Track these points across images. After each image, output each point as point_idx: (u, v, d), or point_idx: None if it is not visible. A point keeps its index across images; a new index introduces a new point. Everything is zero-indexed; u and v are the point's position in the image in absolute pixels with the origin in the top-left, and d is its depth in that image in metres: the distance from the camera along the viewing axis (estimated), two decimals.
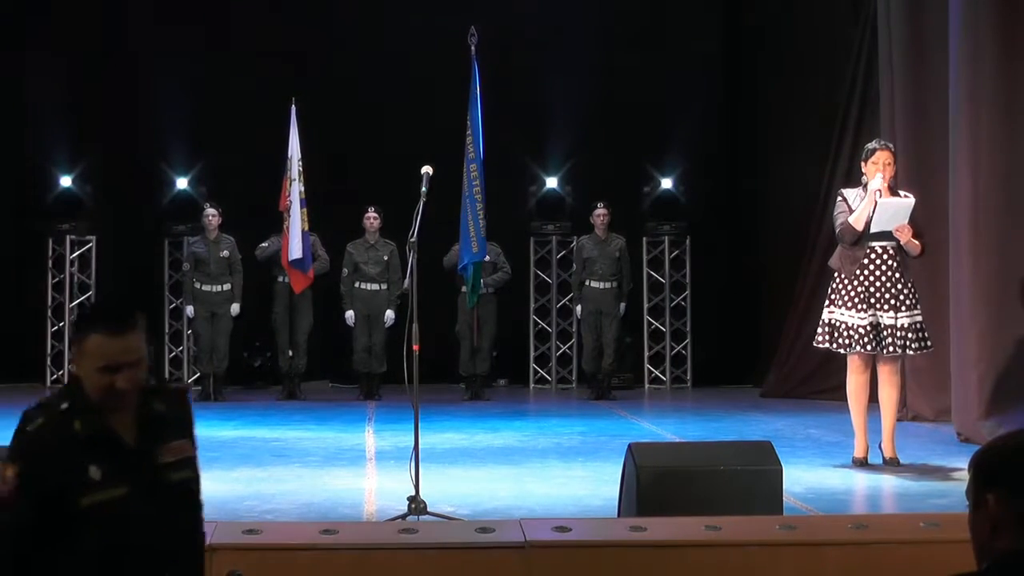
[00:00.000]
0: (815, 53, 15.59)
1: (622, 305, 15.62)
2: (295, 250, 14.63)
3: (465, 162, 9.47)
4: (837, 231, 9.57)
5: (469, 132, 9.47)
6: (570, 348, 16.96)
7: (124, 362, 3.83)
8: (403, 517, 7.09)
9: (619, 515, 6.70)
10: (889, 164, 9.44)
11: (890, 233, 9.36)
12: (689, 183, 16.85)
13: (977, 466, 2.75)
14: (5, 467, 3.88)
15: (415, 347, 7.71)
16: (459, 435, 11.74)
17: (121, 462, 3.86)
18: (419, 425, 7.70)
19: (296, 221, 14.60)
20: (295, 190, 14.62)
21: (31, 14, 16.61)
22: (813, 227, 14.55)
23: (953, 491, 8.15)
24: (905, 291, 9.42)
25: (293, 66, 16.27)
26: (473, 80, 9.48)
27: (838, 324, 9.47)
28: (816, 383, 14.43)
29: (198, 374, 15.74)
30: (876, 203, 9.29)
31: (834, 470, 9.51)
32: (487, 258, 11.94)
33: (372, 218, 15.22)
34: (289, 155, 14.69)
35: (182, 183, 16.47)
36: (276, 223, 14.89)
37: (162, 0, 16.75)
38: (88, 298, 16.40)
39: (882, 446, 9.59)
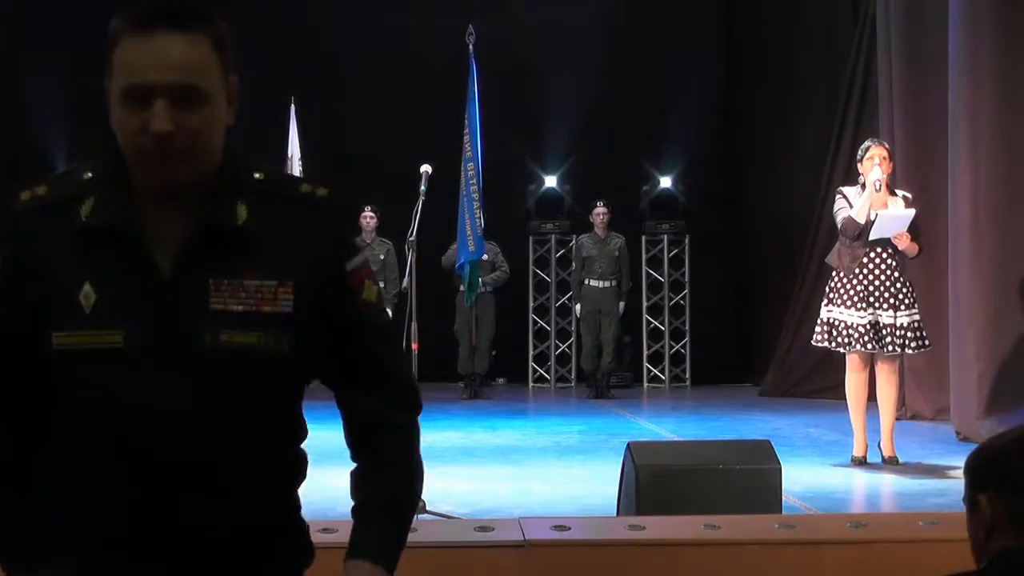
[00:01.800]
0: (814, 52, 15.61)
1: (621, 304, 15.63)
2: None
3: (463, 161, 9.49)
4: (839, 226, 9.55)
5: (467, 131, 9.48)
6: (569, 347, 16.97)
7: (161, 83, 2.30)
8: None
9: (618, 514, 6.69)
10: (885, 159, 9.43)
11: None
12: (688, 182, 16.87)
13: (970, 469, 2.75)
14: None
15: (414, 346, 7.71)
16: (458, 434, 11.74)
17: (135, 288, 2.36)
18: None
19: None
20: None
21: (29, 12, 16.62)
22: (812, 226, 14.55)
23: (952, 490, 8.14)
24: (904, 290, 9.41)
25: (292, 64, 16.26)
26: (471, 79, 9.49)
27: (837, 323, 9.47)
28: (815, 382, 14.43)
29: None
30: (878, 213, 9.29)
31: (833, 469, 9.51)
32: (485, 257, 11.95)
33: (368, 217, 15.22)
34: (289, 154, 14.68)
35: None
36: None
37: None
38: None
39: (881, 445, 9.58)
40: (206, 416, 2.35)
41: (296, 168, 14.63)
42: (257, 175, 2.49)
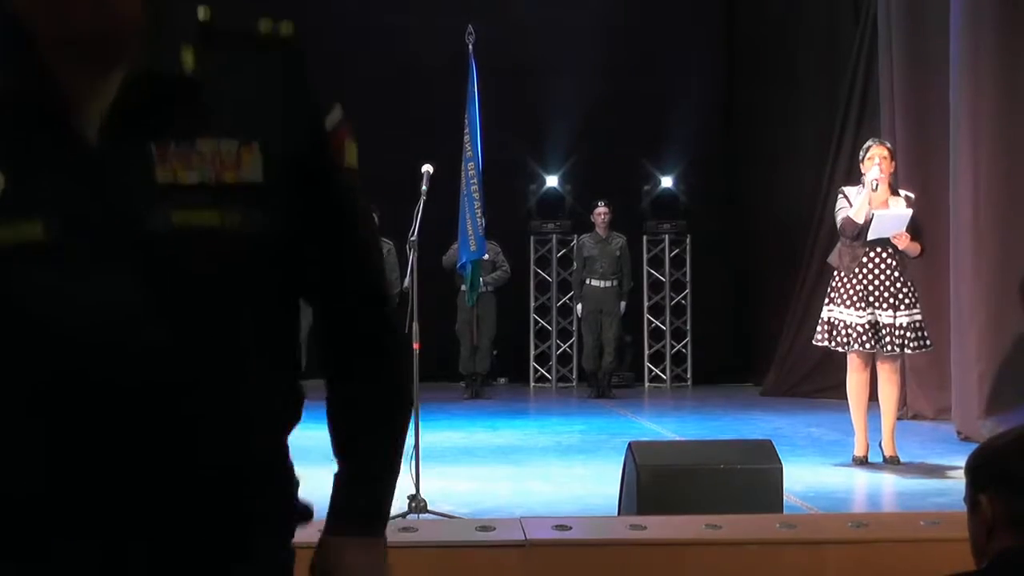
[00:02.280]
0: (816, 52, 15.60)
1: (622, 304, 15.62)
2: None
3: (463, 161, 9.48)
4: (838, 226, 9.57)
5: (467, 131, 9.47)
6: (570, 347, 16.97)
7: None
8: (403, 516, 7.08)
9: (619, 514, 6.69)
10: (885, 159, 9.43)
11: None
12: (689, 182, 16.87)
13: (971, 469, 2.75)
14: None
15: (416, 345, 7.70)
16: (459, 434, 11.74)
17: (55, 163, 1.84)
18: (419, 423, 7.69)
19: None
20: None
21: None
22: (813, 226, 14.56)
23: (953, 489, 8.14)
24: (904, 290, 9.41)
25: None
26: (470, 79, 9.48)
27: (837, 322, 9.47)
28: (816, 382, 14.43)
29: None
30: (873, 214, 9.29)
31: (834, 468, 9.50)
32: (486, 256, 11.95)
33: None
34: None
35: None
36: None
37: None
38: None
39: (882, 445, 9.58)
40: (160, 324, 1.82)
41: None
42: (201, 13, 1.95)
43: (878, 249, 9.39)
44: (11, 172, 1.81)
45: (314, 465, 2.51)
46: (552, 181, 16.89)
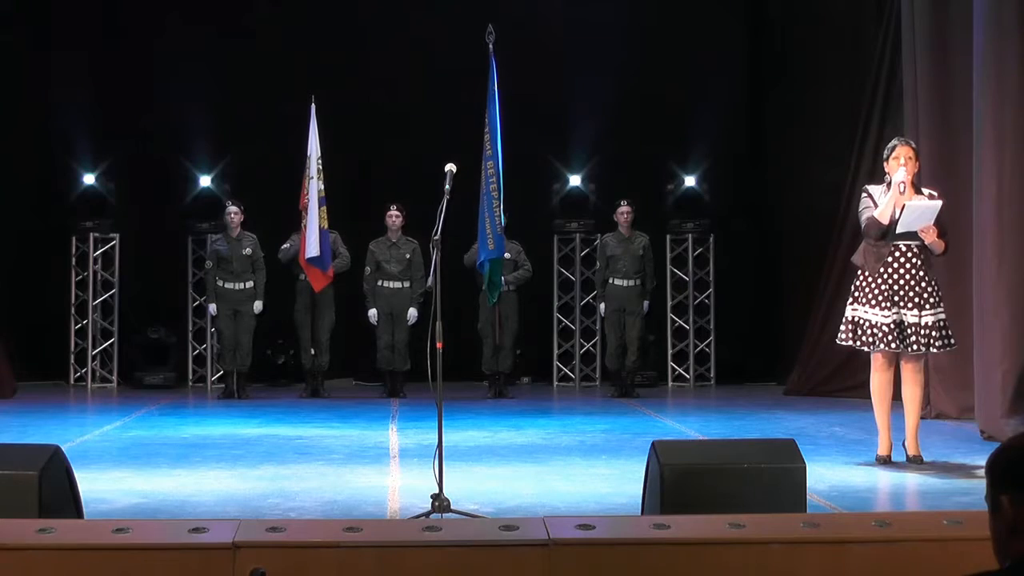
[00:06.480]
0: (839, 51, 15.58)
1: (645, 303, 15.61)
2: (312, 248, 14.66)
3: (483, 159, 9.48)
4: (863, 226, 9.55)
5: (487, 129, 9.47)
6: (593, 346, 16.96)
7: None
8: (427, 515, 7.09)
9: (643, 513, 6.69)
10: (910, 159, 9.40)
11: (915, 232, 9.34)
12: (713, 181, 16.83)
13: (991, 469, 2.74)
14: None
15: (439, 345, 7.69)
16: (483, 433, 11.75)
17: None
18: (443, 423, 7.70)
19: (313, 219, 14.63)
20: (313, 188, 14.66)
21: (56, 14, 16.69)
22: (837, 225, 14.53)
23: (976, 489, 8.12)
24: (929, 289, 9.39)
25: (316, 64, 16.30)
26: (491, 78, 9.48)
27: (861, 322, 9.46)
28: (839, 381, 14.42)
29: (221, 372, 15.81)
30: (904, 205, 9.26)
31: (858, 468, 9.50)
32: (507, 256, 11.93)
33: (394, 216, 15.24)
34: (308, 153, 14.73)
35: (205, 181, 16.50)
36: (298, 221, 14.91)
37: None
38: (111, 296, 16.47)
39: (905, 444, 9.57)
40: None
41: (314, 167, 14.68)
42: None
43: (903, 248, 9.36)
44: None
45: (339, 465, 2.54)
46: (575, 180, 16.85)
